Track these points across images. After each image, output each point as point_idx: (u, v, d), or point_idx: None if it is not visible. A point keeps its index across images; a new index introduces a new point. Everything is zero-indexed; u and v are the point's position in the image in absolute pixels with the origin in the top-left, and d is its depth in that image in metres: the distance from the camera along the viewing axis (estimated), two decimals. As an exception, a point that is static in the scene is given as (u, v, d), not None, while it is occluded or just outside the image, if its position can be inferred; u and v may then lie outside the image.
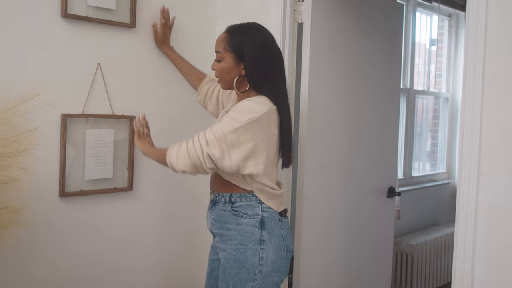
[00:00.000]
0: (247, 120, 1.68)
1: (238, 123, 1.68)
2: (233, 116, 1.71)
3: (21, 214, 1.75)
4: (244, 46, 1.77)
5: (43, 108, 1.76)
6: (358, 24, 2.60)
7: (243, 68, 1.78)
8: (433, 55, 4.70)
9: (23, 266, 1.98)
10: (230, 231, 1.78)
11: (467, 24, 1.76)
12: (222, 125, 1.70)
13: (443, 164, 4.78)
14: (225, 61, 1.81)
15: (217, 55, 1.83)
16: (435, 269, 4.05)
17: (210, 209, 1.88)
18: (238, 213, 1.77)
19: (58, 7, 2.00)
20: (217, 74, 1.86)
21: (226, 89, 1.91)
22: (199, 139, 1.71)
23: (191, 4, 2.45)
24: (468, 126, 1.74)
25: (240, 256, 1.75)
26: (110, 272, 2.23)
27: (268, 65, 1.79)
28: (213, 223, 1.85)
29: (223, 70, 1.82)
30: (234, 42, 1.79)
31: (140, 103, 2.27)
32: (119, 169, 2.22)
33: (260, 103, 1.73)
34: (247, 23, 1.86)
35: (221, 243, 1.82)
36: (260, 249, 1.76)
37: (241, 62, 1.79)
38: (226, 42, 1.80)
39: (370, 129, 2.74)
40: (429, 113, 4.74)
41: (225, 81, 1.84)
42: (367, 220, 2.77)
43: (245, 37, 1.79)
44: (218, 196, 1.83)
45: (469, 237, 1.75)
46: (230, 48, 1.79)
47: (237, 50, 1.78)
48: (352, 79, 2.60)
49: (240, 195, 1.78)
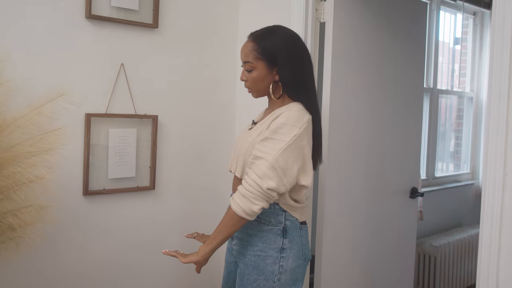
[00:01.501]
0: (292, 139, 1.65)
1: (284, 143, 1.64)
2: (277, 138, 1.65)
3: (46, 212, 1.78)
4: (275, 50, 1.74)
5: (68, 108, 1.79)
6: (380, 23, 2.57)
7: (276, 73, 1.76)
8: (457, 54, 4.63)
9: (48, 263, 2.01)
10: (251, 236, 1.76)
11: (493, 22, 1.73)
12: (268, 150, 1.63)
13: (467, 165, 4.71)
14: (257, 70, 1.76)
15: (247, 65, 1.78)
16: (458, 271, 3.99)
17: None
18: (261, 220, 1.75)
19: (83, 8, 2.02)
20: (248, 85, 1.80)
21: (258, 97, 1.84)
22: (251, 177, 1.62)
23: (214, 6, 2.46)
24: (494, 126, 1.71)
25: (260, 262, 1.73)
26: (132, 271, 2.25)
27: (300, 64, 1.77)
28: None
29: (256, 80, 1.77)
30: (264, 48, 1.75)
31: (162, 103, 2.29)
32: (141, 168, 2.24)
33: (300, 113, 1.70)
34: (269, 27, 1.83)
35: (240, 247, 1.81)
36: (280, 257, 1.74)
37: (273, 68, 1.76)
38: (256, 51, 1.76)
39: (393, 129, 2.72)
40: (452, 112, 4.67)
41: (258, 90, 1.79)
42: (389, 221, 2.74)
43: (274, 41, 1.76)
44: None
45: (494, 239, 1.72)
46: (261, 55, 1.75)
47: (269, 56, 1.75)
48: (374, 78, 2.58)
49: None
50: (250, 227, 1.77)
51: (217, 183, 2.52)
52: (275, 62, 1.75)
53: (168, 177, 2.34)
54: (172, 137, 2.34)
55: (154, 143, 2.25)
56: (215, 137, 2.51)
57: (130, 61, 2.18)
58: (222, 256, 2.58)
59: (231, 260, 1.91)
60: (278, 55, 1.74)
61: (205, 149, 2.46)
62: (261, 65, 1.76)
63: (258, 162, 1.63)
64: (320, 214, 2.37)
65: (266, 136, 1.66)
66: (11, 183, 1.63)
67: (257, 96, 1.83)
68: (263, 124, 1.76)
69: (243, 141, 1.80)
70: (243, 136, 1.83)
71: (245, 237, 1.78)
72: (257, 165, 1.63)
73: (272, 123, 1.69)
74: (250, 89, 1.82)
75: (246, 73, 1.79)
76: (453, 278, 3.93)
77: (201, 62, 2.42)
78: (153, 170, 2.26)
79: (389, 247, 2.76)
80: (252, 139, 1.74)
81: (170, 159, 2.34)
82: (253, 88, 1.81)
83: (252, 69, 1.77)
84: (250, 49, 1.78)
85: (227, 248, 1.95)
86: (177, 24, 2.32)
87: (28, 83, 1.87)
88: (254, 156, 1.65)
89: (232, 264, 1.90)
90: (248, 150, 1.73)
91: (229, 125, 2.54)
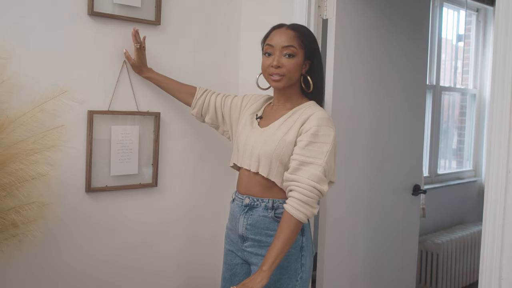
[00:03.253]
0: (333, 140, 1.70)
1: (329, 145, 1.68)
2: (319, 140, 1.68)
3: (48, 208, 1.78)
4: (313, 44, 1.80)
5: (70, 105, 1.79)
6: (382, 20, 2.57)
7: (304, 67, 1.79)
8: (460, 51, 4.62)
9: (51, 260, 2.02)
10: (271, 237, 1.74)
11: (496, 19, 1.72)
12: (316, 154, 1.66)
13: (470, 162, 4.70)
14: (298, 57, 1.76)
15: (289, 49, 1.74)
16: (461, 268, 3.99)
17: (244, 214, 1.81)
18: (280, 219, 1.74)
19: (85, 5, 2.02)
20: (283, 71, 1.75)
21: (285, 86, 1.79)
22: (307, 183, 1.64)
23: (216, 3, 2.45)
24: (497, 123, 1.71)
25: (283, 262, 1.72)
26: (134, 268, 2.26)
27: (322, 67, 1.85)
28: (248, 228, 1.80)
29: (296, 67, 1.76)
30: (305, 39, 1.77)
31: (165, 99, 2.29)
32: (144, 165, 2.24)
33: (327, 113, 1.77)
34: (301, 24, 1.90)
35: (257, 248, 1.79)
36: (301, 255, 1.76)
37: (306, 61, 1.79)
38: (299, 39, 1.76)
39: (395, 126, 2.71)
40: (455, 109, 4.66)
41: (292, 78, 1.77)
42: (391, 218, 2.74)
43: (310, 36, 1.81)
44: (257, 201, 1.79)
45: (497, 236, 1.72)
46: (304, 44, 1.77)
47: (308, 48, 1.77)
48: (377, 75, 2.58)
49: (282, 201, 1.75)
50: (269, 228, 1.76)
51: (220, 180, 2.52)
52: (310, 56, 1.78)
53: (170, 174, 2.34)
54: (174, 134, 2.34)
55: (157, 140, 2.25)
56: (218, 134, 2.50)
57: (133, 58, 2.18)
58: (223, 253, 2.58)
59: (237, 262, 1.89)
60: (315, 49, 1.79)
61: (207, 146, 2.46)
62: (301, 54, 1.77)
63: (309, 167, 1.65)
64: (322, 212, 2.37)
65: (309, 140, 1.67)
66: (14, 180, 1.63)
67: (285, 85, 1.78)
68: (286, 122, 1.76)
69: (257, 139, 1.78)
70: (255, 133, 1.82)
71: (264, 238, 1.77)
72: (308, 170, 1.64)
73: (307, 125, 1.70)
74: (284, 76, 1.76)
75: (284, 59, 1.75)
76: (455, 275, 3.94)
77: (204, 59, 2.42)
78: (156, 167, 2.26)
79: (391, 244, 2.75)
80: (278, 138, 1.73)
81: (173, 156, 2.34)
82: (288, 76, 1.76)
83: (294, 55, 1.75)
84: (293, 35, 1.76)
85: (229, 250, 1.93)
86: (180, 21, 2.32)
87: (31, 80, 1.87)
88: (300, 162, 1.66)
89: (238, 266, 1.88)
90: (277, 150, 1.72)
91: (232, 122, 2.54)
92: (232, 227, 1.90)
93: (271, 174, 1.75)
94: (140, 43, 2.08)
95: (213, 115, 2.08)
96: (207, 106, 2.09)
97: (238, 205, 1.85)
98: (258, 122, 1.88)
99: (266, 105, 1.94)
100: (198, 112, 2.12)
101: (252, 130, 1.85)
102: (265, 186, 1.78)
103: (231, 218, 1.91)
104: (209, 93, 2.11)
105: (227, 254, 1.94)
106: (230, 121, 2.03)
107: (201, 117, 2.13)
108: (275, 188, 1.76)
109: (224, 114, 2.06)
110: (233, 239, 1.90)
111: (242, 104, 2.01)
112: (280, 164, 1.73)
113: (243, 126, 1.90)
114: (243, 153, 1.84)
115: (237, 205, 1.86)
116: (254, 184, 1.80)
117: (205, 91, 2.12)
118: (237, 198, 1.88)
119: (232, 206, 1.90)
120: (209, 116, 2.09)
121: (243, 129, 1.89)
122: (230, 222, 1.92)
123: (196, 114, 2.13)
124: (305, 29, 1.84)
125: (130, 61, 2.11)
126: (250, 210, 1.80)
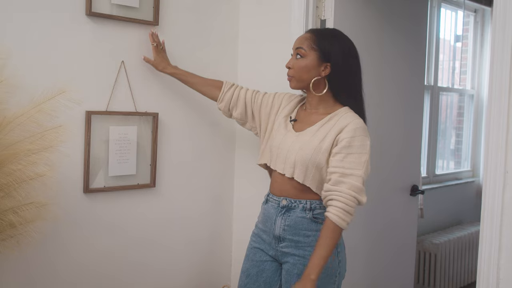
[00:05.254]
0: (369, 149, 1.75)
1: (366, 155, 1.74)
2: (357, 151, 1.72)
3: (46, 209, 1.78)
4: (331, 46, 1.78)
5: (68, 105, 1.79)
6: (380, 20, 2.57)
7: (323, 70, 1.79)
8: (458, 51, 4.63)
9: (48, 260, 2.02)
10: (309, 237, 1.79)
11: (494, 19, 1.73)
12: (355, 165, 1.71)
13: (468, 162, 4.71)
14: (307, 59, 1.78)
15: (298, 51, 1.79)
16: (458, 268, 4.00)
17: (282, 215, 1.83)
18: (318, 219, 1.79)
19: (83, 6, 2.02)
20: (291, 72, 1.82)
21: (298, 88, 1.85)
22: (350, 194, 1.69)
23: (214, 4, 2.45)
24: (494, 123, 1.71)
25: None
26: (132, 269, 2.26)
27: (356, 69, 1.82)
28: (285, 229, 1.81)
29: (304, 68, 1.79)
30: (321, 40, 1.78)
31: (163, 100, 2.29)
32: (142, 165, 2.24)
33: (362, 121, 1.79)
34: (330, 28, 1.91)
35: (295, 248, 1.81)
36: (337, 252, 1.81)
37: (323, 63, 1.78)
38: (312, 41, 1.79)
39: (393, 126, 2.71)
40: (453, 110, 4.67)
41: (301, 79, 1.81)
42: (390, 218, 2.74)
43: (332, 38, 1.81)
44: (294, 202, 1.81)
45: (494, 237, 1.72)
46: (316, 46, 1.78)
47: (323, 50, 1.77)
48: (375, 75, 2.57)
49: (319, 203, 1.80)
50: (307, 228, 1.79)
51: (218, 181, 2.53)
52: (327, 58, 1.78)
53: (168, 175, 2.34)
54: (172, 134, 2.34)
55: (155, 140, 2.25)
56: (216, 135, 2.51)
57: (131, 59, 2.18)
58: (226, 253, 2.58)
59: (266, 259, 1.90)
60: (335, 52, 1.77)
61: (205, 147, 2.46)
62: (312, 56, 1.78)
63: (349, 179, 1.70)
64: (320, 212, 2.37)
65: (348, 151, 1.72)
66: (12, 180, 1.63)
67: (296, 86, 1.84)
68: (321, 129, 1.78)
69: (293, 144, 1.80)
70: (290, 137, 1.84)
71: (302, 238, 1.80)
72: (349, 182, 1.69)
73: (344, 134, 1.73)
74: (293, 77, 1.82)
75: (294, 60, 1.81)
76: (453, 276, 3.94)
77: (202, 60, 2.42)
78: (154, 168, 2.26)
79: (389, 245, 2.76)
80: (314, 145, 1.76)
81: (171, 157, 2.34)
82: (296, 77, 1.81)
83: (303, 56, 1.79)
84: (306, 37, 1.81)
85: (257, 248, 1.92)
86: (178, 22, 2.32)
87: (29, 81, 1.87)
88: (341, 174, 1.70)
89: (268, 263, 1.89)
90: (313, 157, 1.75)
91: (230, 122, 2.54)
92: (266, 228, 1.89)
93: (306, 180, 1.78)
94: (157, 42, 2.16)
95: (243, 110, 2.06)
96: (235, 100, 2.07)
97: (273, 207, 1.86)
98: (292, 125, 1.89)
99: (299, 107, 1.95)
100: (226, 106, 2.09)
101: (286, 133, 1.86)
102: (300, 189, 1.81)
103: (264, 219, 1.90)
104: (238, 87, 2.10)
105: (255, 252, 1.93)
106: (259, 118, 2.03)
107: (228, 112, 2.11)
108: (311, 191, 1.80)
109: (254, 110, 2.04)
110: (265, 239, 1.90)
111: (274, 102, 2.00)
112: (316, 170, 1.77)
113: (277, 128, 1.91)
114: (276, 156, 1.86)
115: (272, 206, 1.87)
116: (289, 187, 1.83)
117: (233, 85, 2.11)
118: (271, 199, 1.89)
119: (265, 208, 1.91)
120: (238, 111, 2.07)
121: (277, 131, 1.90)
122: (262, 224, 1.92)
123: (223, 108, 2.10)
124: (327, 31, 1.86)
125: (151, 61, 2.17)
126: (288, 212, 1.82)
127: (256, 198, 2.12)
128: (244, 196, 2.57)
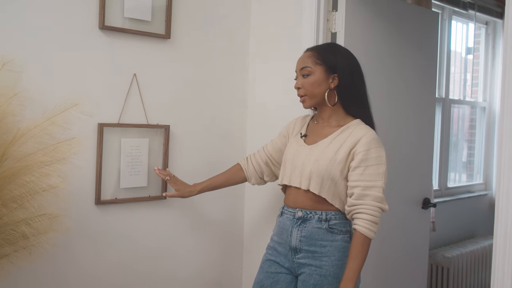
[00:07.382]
0: (385, 158, 1.79)
1: (383, 166, 1.78)
2: (374, 163, 1.76)
3: (58, 221, 1.79)
4: (335, 58, 1.82)
5: (81, 117, 1.81)
6: (391, 33, 2.57)
7: (331, 81, 1.82)
8: (469, 63, 4.61)
9: (60, 271, 2.02)
10: (326, 247, 1.80)
11: (505, 32, 1.72)
12: (374, 177, 1.75)
13: (480, 175, 4.66)
14: (315, 75, 1.82)
15: (304, 70, 1.83)
16: (471, 283, 3.94)
17: (298, 226, 1.84)
18: (334, 230, 1.81)
19: (96, 19, 2.05)
20: (303, 92, 1.84)
21: (312, 105, 1.87)
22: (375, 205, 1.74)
23: (225, 17, 2.47)
24: (507, 136, 1.70)
25: (339, 271, 1.78)
26: (143, 280, 2.26)
27: (360, 79, 1.86)
28: (302, 240, 1.82)
29: (314, 84, 1.82)
30: (324, 55, 1.83)
31: (174, 112, 2.30)
32: (153, 177, 2.24)
33: (372, 131, 1.82)
34: (327, 43, 1.96)
35: (311, 259, 1.81)
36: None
37: (331, 75, 1.82)
38: (315, 57, 1.83)
39: (405, 139, 2.70)
40: (465, 122, 4.64)
41: (313, 95, 1.84)
42: (401, 232, 2.72)
43: (334, 51, 1.86)
44: (310, 213, 1.82)
45: (508, 250, 1.70)
46: (320, 61, 1.82)
47: (328, 63, 1.82)
48: (386, 88, 2.57)
49: (334, 213, 1.81)
50: (323, 239, 1.81)
51: (228, 193, 2.52)
52: (333, 69, 1.82)
53: (179, 187, 2.34)
54: (184, 146, 2.35)
55: (166, 152, 2.26)
56: (227, 147, 2.51)
57: (143, 71, 2.20)
58: (237, 265, 2.58)
59: (280, 271, 1.89)
60: (339, 62, 1.82)
61: (216, 159, 2.47)
62: (319, 70, 1.82)
63: (372, 191, 1.74)
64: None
65: (366, 164, 1.76)
66: (25, 192, 1.64)
67: (310, 104, 1.87)
68: (335, 141, 1.81)
69: (308, 156, 1.82)
70: (303, 150, 1.85)
71: (319, 249, 1.81)
72: (372, 194, 1.74)
73: (360, 147, 1.77)
74: (305, 96, 1.85)
75: (302, 79, 1.84)
76: (466, 290, 3.88)
77: (213, 73, 2.43)
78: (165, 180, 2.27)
79: (401, 258, 2.73)
80: (329, 157, 1.78)
81: (182, 169, 2.34)
82: (309, 94, 1.84)
83: (310, 73, 1.83)
84: (308, 56, 1.85)
85: (272, 260, 1.92)
86: (189, 35, 2.34)
87: (42, 93, 1.89)
88: (363, 188, 1.74)
89: (282, 275, 1.89)
90: (329, 168, 1.78)
91: (241, 135, 2.55)
92: (281, 240, 1.90)
93: (322, 191, 1.80)
94: (168, 174, 2.13)
95: (269, 169, 2.09)
96: (259, 168, 2.09)
97: (289, 219, 1.87)
98: (303, 140, 1.91)
99: (309, 121, 1.98)
100: (256, 179, 2.11)
101: (298, 147, 1.89)
102: (315, 200, 1.82)
103: (280, 231, 1.91)
104: (252, 156, 2.12)
105: (269, 264, 1.93)
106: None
107: (263, 181, 2.13)
108: (326, 202, 1.81)
109: (277, 160, 2.06)
110: (281, 252, 1.89)
111: (288, 130, 2.04)
112: (331, 181, 1.79)
113: (289, 145, 1.95)
114: (291, 171, 1.87)
115: (287, 218, 1.88)
116: (305, 199, 1.84)
117: (247, 158, 2.14)
118: (286, 211, 1.89)
119: (281, 220, 1.92)
120: (266, 173, 2.10)
121: (289, 147, 1.93)
122: (278, 236, 1.92)
123: (257, 182, 2.13)
124: (326, 45, 1.91)
125: (176, 194, 2.12)
126: (304, 223, 1.83)
127: (268, 210, 2.12)
128: (255, 206, 2.56)
